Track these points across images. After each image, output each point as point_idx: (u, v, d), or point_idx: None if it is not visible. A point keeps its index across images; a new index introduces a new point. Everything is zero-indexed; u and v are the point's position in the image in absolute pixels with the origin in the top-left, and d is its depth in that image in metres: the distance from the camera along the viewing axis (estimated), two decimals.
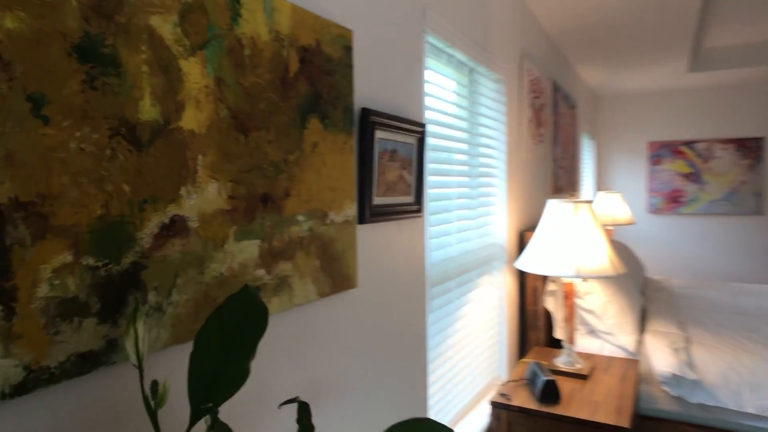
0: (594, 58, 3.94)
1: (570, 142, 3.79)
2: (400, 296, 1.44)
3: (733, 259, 5.10)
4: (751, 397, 2.09)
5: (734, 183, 5.04)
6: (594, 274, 1.89)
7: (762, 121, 4.98)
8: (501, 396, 1.88)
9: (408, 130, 1.41)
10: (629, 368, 2.13)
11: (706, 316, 2.77)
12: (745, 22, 3.59)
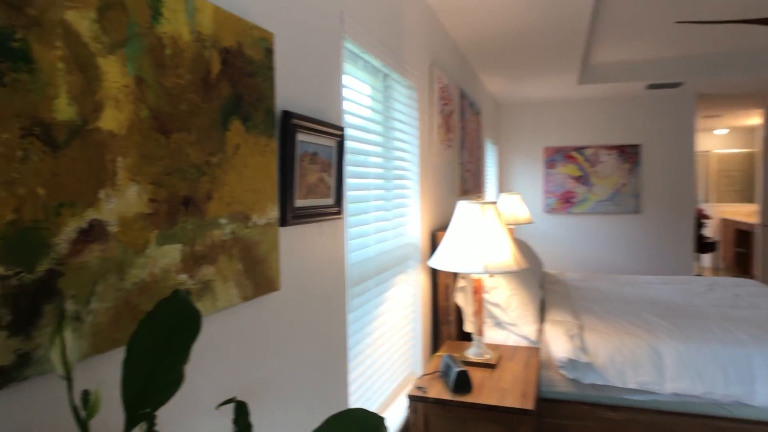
0: (496, 68, 4.20)
1: (476, 147, 4.02)
2: (321, 297, 1.47)
3: (617, 253, 5.68)
4: (632, 374, 2.35)
5: (617, 185, 5.61)
6: (499, 270, 2.04)
7: (639, 130, 5.59)
8: (417, 389, 1.96)
9: (328, 133, 1.43)
10: (532, 356, 2.32)
11: (596, 305, 3.06)
12: (624, 42, 4.03)
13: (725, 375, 2.28)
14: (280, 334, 1.26)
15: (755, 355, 2.29)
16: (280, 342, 1.26)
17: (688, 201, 5.52)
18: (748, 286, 3.61)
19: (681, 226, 5.53)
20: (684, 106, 5.47)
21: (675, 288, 3.61)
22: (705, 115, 6.96)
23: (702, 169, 8.78)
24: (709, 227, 8.60)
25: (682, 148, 5.51)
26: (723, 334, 2.47)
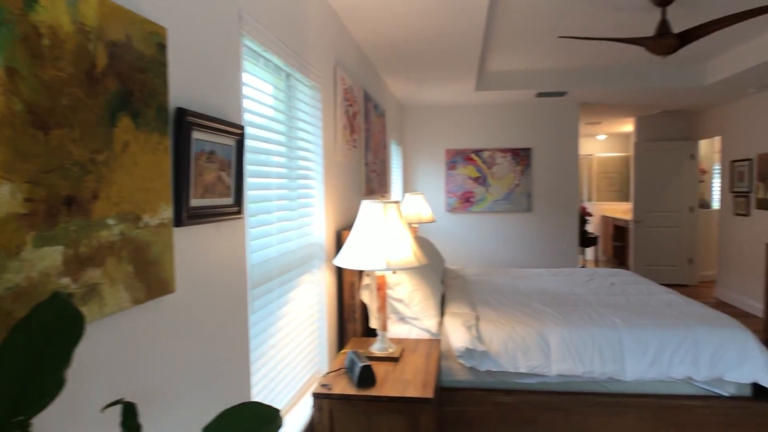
0: (400, 71, 4.33)
1: (380, 148, 4.11)
2: (221, 299, 1.44)
3: (512, 249, 6.09)
4: (523, 359, 2.55)
5: (511, 185, 6.01)
6: (401, 266, 2.12)
7: (530, 134, 6.04)
8: (322, 387, 1.99)
9: (226, 131, 1.41)
10: (432, 347, 2.43)
11: (491, 297, 3.28)
12: (516, 53, 4.34)
13: (601, 355, 2.55)
14: (176, 337, 1.22)
15: (625, 336, 2.58)
16: (176, 345, 1.22)
17: (572, 200, 6.06)
18: (623, 275, 4.04)
19: (567, 223, 6.05)
20: (569, 113, 6.00)
21: (561, 279, 3.95)
22: (587, 121, 7.66)
23: (585, 171, 9.66)
24: (591, 224, 9.48)
25: (568, 152, 6.03)
26: (599, 318, 2.76)
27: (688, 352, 2.52)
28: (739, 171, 5.82)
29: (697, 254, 7.04)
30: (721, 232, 6.24)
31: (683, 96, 5.54)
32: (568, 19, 3.48)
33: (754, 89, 5.16)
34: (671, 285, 6.97)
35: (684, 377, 2.51)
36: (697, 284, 7.05)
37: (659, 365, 2.52)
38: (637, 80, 4.99)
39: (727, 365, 2.50)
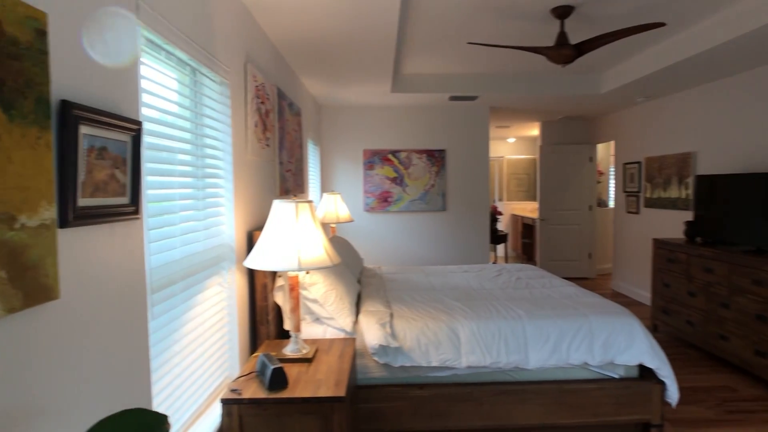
0: (315, 71, 4.31)
1: (296, 147, 4.06)
2: (115, 304, 1.35)
3: (428, 247, 6.26)
4: (435, 353, 2.63)
5: (427, 186, 6.17)
6: (314, 266, 2.11)
7: (444, 136, 6.23)
8: (231, 392, 1.93)
9: (120, 126, 1.33)
10: (347, 346, 2.44)
11: (406, 294, 3.34)
12: (430, 57, 4.46)
13: (507, 346, 2.68)
14: (63, 346, 1.13)
15: (528, 327, 2.74)
16: (63, 355, 1.13)
17: (484, 200, 6.33)
18: (528, 270, 4.28)
19: (479, 222, 6.32)
20: (480, 116, 6.26)
21: (472, 275, 4.12)
22: (497, 125, 8.05)
23: (496, 172, 10.14)
24: (501, 222, 9.97)
25: (479, 154, 6.29)
26: (505, 311, 2.91)
27: (584, 340, 2.73)
28: (630, 172, 6.38)
29: (596, 249, 7.63)
30: (615, 229, 6.80)
31: (581, 103, 5.97)
32: (476, 26, 3.64)
33: (642, 99, 5.68)
34: (573, 278, 7.51)
35: (581, 363, 2.71)
36: (596, 277, 7.64)
37: (559, 353, 2.70)
38: (540, 87, 5.32)
39: (618, 350, 2.73)
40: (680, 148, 5.30)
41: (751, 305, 3.55)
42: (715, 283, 3.92)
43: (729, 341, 3.78)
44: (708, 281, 4.01)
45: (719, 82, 4.69)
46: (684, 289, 4.33)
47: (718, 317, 3.89)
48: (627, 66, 4.76)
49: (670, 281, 4.53)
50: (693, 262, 4.21)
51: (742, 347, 3.64)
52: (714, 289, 3.94)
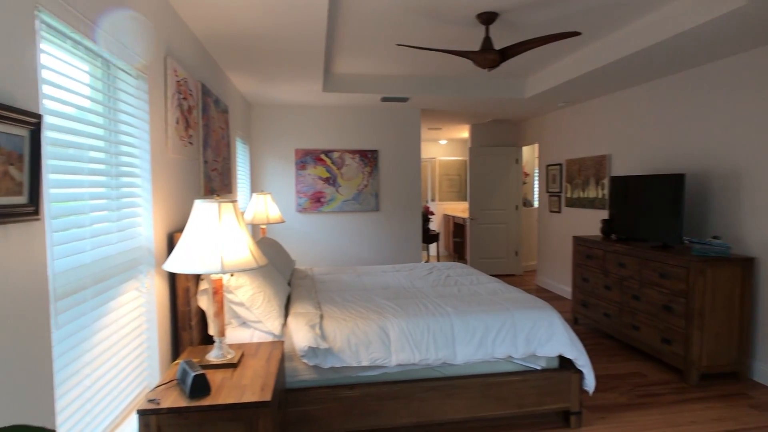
0: (243, 67, 4.19)
1: (223, 146, 3.93)
2: (9, 314, 1.24)
3: (362, 247, 6.26)
4: (365, 353, 2.63)
5: (360, 186, 6.17)
6: (238, 268, 2.04)
7: (377, 137, 6.26)
8: (148, 402, 1.83)
9: (14, 119, 1.22)
10: (275, 349, 2.39)
11: (337, 295, 3.32)
12: (361, 57, 4.46)
13: (435, 342, 2.73)
14: None
15: (456, 323, 2.80)
16: None
17: (416, 200, 6.43)
18: (457, 268, 4.39)
19: (411, 222, 6.40)
20: (411, 118, 6.35)
21: (403, 274, 4.17)
22: (429, 127, 8.20)
23: (429, 173, 10.33)
24: (433, 222, 10.18)
25: (411, 155, 6.38)
26: (434, 308, 2.96)
27: (508, 334, 2.83)
28: (552, 174, 6.71)
29: (522, 247, 7.96)
30: (539, 227, 7.13)
31: (508, 107, 6.21)
32: (405, 28, 3.68)
33: (563, 104, 5.99)
34: (501, 275, 7.80)
35: (505, 356, 2.81)
36: (522, 273, 7.97)
37: (485, 347, 2.79)
38: (469, 90, 5.47)
39: (539, 342, 2.85)
40: (597, 150, 5.64)
41: (658, 297, 3.83)
42: (628, 277, 4.21)
43: (640, 331, 4.06)
44: (622, 275, 4.29)
45: (631, 90, 5.03)
46: (601, 283, 4.61)
47: (631, 309, 4.18)
48: (548, 73, 5.00)
49: (589, 276, 4.81)
50: (608, 257, 4.49)
51: (651, 336, 3.93)
52: (627, 282, 4.22)
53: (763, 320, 3.57)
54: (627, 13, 3.42)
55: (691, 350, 3.53)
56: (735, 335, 3.57)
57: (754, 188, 3.61)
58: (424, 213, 7.95)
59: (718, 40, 3.40)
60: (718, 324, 3.54)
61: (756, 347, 3.63)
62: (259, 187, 6.00)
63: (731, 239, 3.81)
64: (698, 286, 3.49)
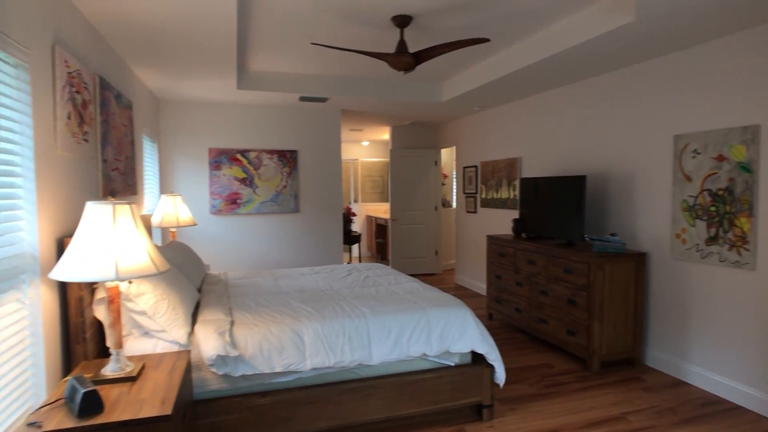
0: (150, 61, 3.95)
1: (126, 144, 3.68)
2: None
3: (281, 250, 6.13)
4: (278, 358, 2.56)
5: (279, 187, 6.04)
6: (136, 274, 1.91)
7: (296, 137, 6.16)
8: (29, 426, 1.65)
9: None
10: (179, 360, 2.26)
11: (251, 300, 3.21)
12: (278, 55, 4.36)
13: (350, 344, 2.71)
14: None
15: (371, 323, 2.80)
16: None
17: (336, 201, 6.40)
18: (377, 269, 4.41)
19: (332, 223, 6.36)
20: (331, 118, 6.31)
21: (322, 276, 4.12)
22: (351, 128, 8.20)
23: (351, 174, 10.33)
24: (356, 223, 10.19)
25: (331, 155, 6.34)
26: (350, 309, 2.94)
27: (423, 332, 2.87)
28: (468, 175, 6.94)
29: (441, 247, 8.17)
30: (457, 227, 7.35)
31: (426, 110, 6.34)
32: (320, 27, 3.64)
33: (478, 108, 6.21)
34: (422, 274, 7.95)
35: (420, 354, 2.85)
36: (442, 272, 8.18)
37: (400, 347, 2.81)
38: (389, 93, 5.52)
39: (453, 339, 2.92)
40: (509, 153, 5.90)
41: (564, 291, 4.07)
42: (537, 274, 4.43)
43: (548, 324, 4.29)
44: (531, 272, 4.51)
45: (539, 96, 5.31)
46: (513, 280, 4.82)
47: (539, 303, 4.40)
48: (463, 78, 5.16)
49: (502, 273, 5.02)
50: (519, 255, 4.71)
51: (558, 328, 4.16)
52: (536, 278, 4.45)
53: (654, 310, 3.90)
54: (531, 23, 3.60)
55: (592, 340, 3.78)
56: (630, 325, 3.86)
57: (645, 189, 3.94)
58: (346, 214, 7.94)
59: (612, 53, 3.66)
60: (616, 314, 3.81)
61: (648, 335, 3.96)
62: (170, 188, 5.69)
63: (627, 236, 4.13)
64: (598, 281, 3.74)
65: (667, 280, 3.76)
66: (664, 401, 3.29)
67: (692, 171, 3.52)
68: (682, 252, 3.61)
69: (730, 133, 3.24)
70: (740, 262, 3.20)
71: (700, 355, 3.51)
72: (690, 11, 2.83)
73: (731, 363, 3.29)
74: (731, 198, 3.25)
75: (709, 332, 3.44)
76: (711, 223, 3.39)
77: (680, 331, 3.66)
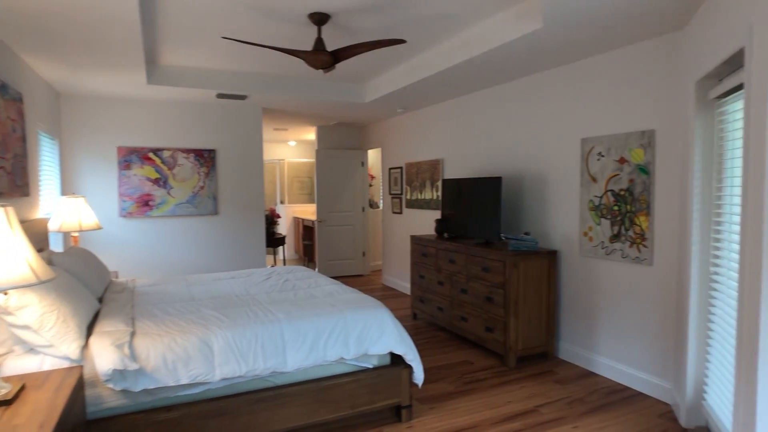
0: (45, 49, 3.61)
1: (14, 140, 3.34)
2: None
3: (199, 254, 5.85)
4: (184, 370, 2.41)
5: (196, 188, 5.76)
6: (12, 285, 1.71)
7: (214, 135, 5.90)
8: None
9: None
10: (68, 377, 2.06)
11: (158, 308, 3.01)
12: (192, 49, 4.14)
13: (264, 351, 2.61)
14: None
15: (286, 329, 2.71)
16: None
17: (258, 202, 6.20)
18: (298, 272, 4.30)
19: (254, 225, 6.16)
20: (252, 117, 6.11)
21: (239, 281, 3.96)
22: (275, 127, 8.00)
23: (278, 175, 10.10)
24: (280, 225, 9.97)
25: (253, 155, 6.14)
26: (264, 315, 2.83)
27: (340, 335, 2.82)
28: (394, 177, 6.98)
29: (369, 248, 8.16)
30: (384, 228, 7.37)
31: (351, 110, 6.30)
32: (233, 21, 3.50)
33: (401, 109, 6.25)
34: (350, 276, 7.91)
35: (337, 358, 2.79)
36: (370, 273, 8.18)
37: (316, 351, 2.74)
38: (310, 92, 5.42)
39: (371, 341, 2.89)
40: (432, 155, 5.99)
41: (482, 289, 4.17)
42: (457, 273, 4.51)
43: (468, 321, 4.38)
44: (452, 271, 4.59)
45: (459, 99, 5.43)
46: (435, 279, 4.88)
47: (460, 301, 4.49)
48: (385, 79, 5.17)
49: (425, 273, 5.07)
50: (440, 255, 4.78)
51: (477, 326, 4.26)
52: (456, 277, 4.53)
53: (565, 305, 4.09)
54: (447, 27, 3.65)
55: (508, 337, 3.90)
56: (544, 320, 4.03)
57: (556, 189, 4.12)
58: (270, 216, 7.74)
59: (525, 58, 3.80)
60: (530, 311, 3.96)
61: (560, 329, 4.14)
62: (72, 190, 5.26)
63: (540, 234, 4.30)
64: (513, 278, 3.86)
65: (577, 277, 3.95)
66: (574, 392, 3.44)
67: (597, 173, 3.72)
68: (589, 249, 3.81)
69: (629, 137, 3.46)
70: (639, 258, 3.42)
71: (606, 346, 3.72)
72: (593, 21, 2.98)
73: (633, 353, 3.51)
74: (631, 198, 3.47)
75: (613, 325, 3.65)
76: (614, 222, 3.60)
77: (589, 324, 3.86)
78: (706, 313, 2.78)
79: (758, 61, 1.86)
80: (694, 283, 2.80)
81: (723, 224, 2.58)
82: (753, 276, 1.86)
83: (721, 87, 2.50)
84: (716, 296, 2.65)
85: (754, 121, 1.87)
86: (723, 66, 2.39)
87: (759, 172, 1.82)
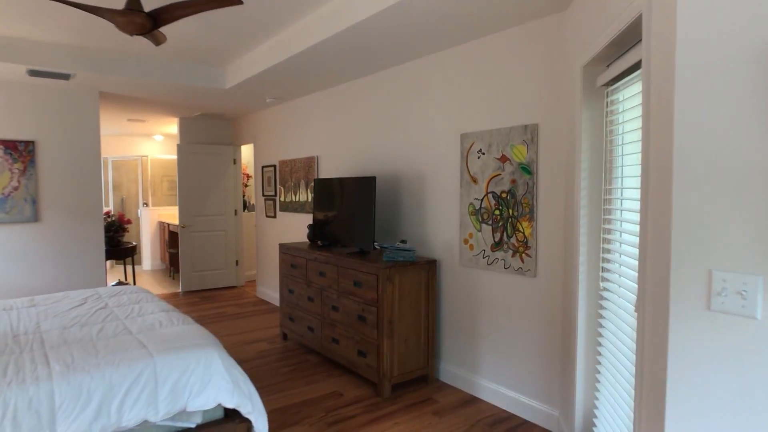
0: None
1: None
2: None
3: (10, 272, 4.66)
4: None
5: (7, 189, 4.59)
6: None
7: (33, 123, 4.75)
8: None
9: None
10: None
11: None
12: None
13: (17, 427, 1.79)
14: None
15: (60, 389, 1.92)
16: None
17: (96, 206, 5.12)
18: (125, 294, 3.44)
19: (90, 235, 5.06)
20: (87, 102, 5.02)
21: (40, 309, 3.02)
22: (129, 118, 6.86)
23: (141, 173, 8.83)
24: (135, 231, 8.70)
25: (88, 149, 5.05)
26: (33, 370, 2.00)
27: (145, 390, 2.07)
28: (267, 176, 6.22)
29: (243, 256, 7.30)
30: (258, 234, 6.57)
31: (211, 98, 5.44)
32: None
33: (271, 99, 5.52)
34: (221, 288, 7.00)
35: (139, 422, 2.05)
36: (244, 284, 7.32)
37: (106, 417, 1.97)
38: (158, 74, 4.52)
39: (191, 394, 2.17)
40: (307, 152, 5.34)
41: (354, 306, 3.60)
42: (328, 287, 3.90)
43: (339, 344, 3.78)
44: (322, 285, 3.97)
45: (332, 89, 4.82)
46: (304, 294, 4.23)
47: (331, 321, 3.88)
48: (246, 61, 4.42)
49: (294, 287, 4.40)
50: (310, 266, 4.14)
51: (349, 348, 3.68)
52: (327, 292, 3.92)
53: (445, 322, 3.64)
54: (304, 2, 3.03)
55: (382, 362, 3.36)
56: (422, 339, 3.54)
57: (435, 191, 3.66)
58: (117, 222, 6.59)
59: (396, 37, 3.28)
60: (407, 330, 3.45)
61: (441, 349, 3.69)
62: None
63: (418, 241, 3.83)
64: (387, 294, 3.33)
65: (457, 289, 3.52)
66: (454, 426, 2.98)
67: (478, 172, 3.30)
68: (470, 258, 3.38)
69: (511, 133, 3.07)
70: (523, 269, 3.04)
71: (489, 368, 3.31)
72: None
73: (517, 376, 3.13)
74: (514, 201, 3.08)
75: (497, 345, 3.26)
76: (496, 228, 3.20)
77: (471, 344, 3.44)
78: (595, 334, 2.42)
79: (658, 32, 1.45)
80: (582, 297, 2.43)
81: (613, 232, 2.22)
82: (658, 293, 1.44)
83: (610, 72, 2.13)
84: (606, 315, 2.28)
85: (656, 103, 1.46)
86: (611, 48, 2.02)
87: (663, 166, 1.40)
